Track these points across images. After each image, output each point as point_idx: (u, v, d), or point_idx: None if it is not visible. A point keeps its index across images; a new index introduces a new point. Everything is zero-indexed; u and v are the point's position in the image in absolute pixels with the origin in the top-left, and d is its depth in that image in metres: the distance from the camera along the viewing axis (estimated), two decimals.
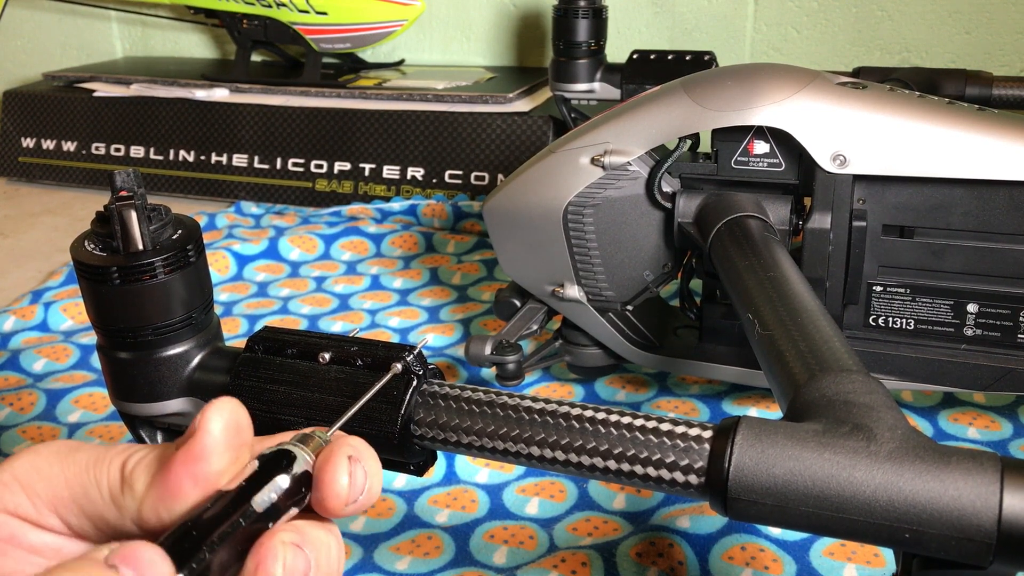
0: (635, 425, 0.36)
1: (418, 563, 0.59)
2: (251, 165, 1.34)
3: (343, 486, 0.30)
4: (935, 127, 0.58)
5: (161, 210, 0.42)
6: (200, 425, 0.28)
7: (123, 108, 1.40)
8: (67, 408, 0.78)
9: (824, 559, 0.58)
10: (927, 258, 0.62)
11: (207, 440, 0.28)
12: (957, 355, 0.63)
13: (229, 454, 0.29)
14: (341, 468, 0.30)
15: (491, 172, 1.24)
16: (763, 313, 0.47)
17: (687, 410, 0.75)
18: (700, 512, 0.61)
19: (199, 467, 0.28)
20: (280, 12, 1.35)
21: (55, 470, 0.29)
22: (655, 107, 0.64)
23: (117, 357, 0.43)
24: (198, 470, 0.28)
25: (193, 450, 0.28)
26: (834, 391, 0.38)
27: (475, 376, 0.82)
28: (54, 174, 1.45)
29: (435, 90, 1.29)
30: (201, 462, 0.28)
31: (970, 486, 0.31)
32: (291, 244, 1.10)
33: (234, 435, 0.29)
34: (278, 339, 0.41)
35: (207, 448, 0.28)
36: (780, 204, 0.63)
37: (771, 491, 0.33)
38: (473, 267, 1.04)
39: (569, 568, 0.57)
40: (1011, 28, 1.21)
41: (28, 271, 1.12)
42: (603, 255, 0.68)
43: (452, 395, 0.39)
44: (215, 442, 0.28)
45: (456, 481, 0.67)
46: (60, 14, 1.68)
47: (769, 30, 1.31)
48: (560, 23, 1.05)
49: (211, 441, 0.28)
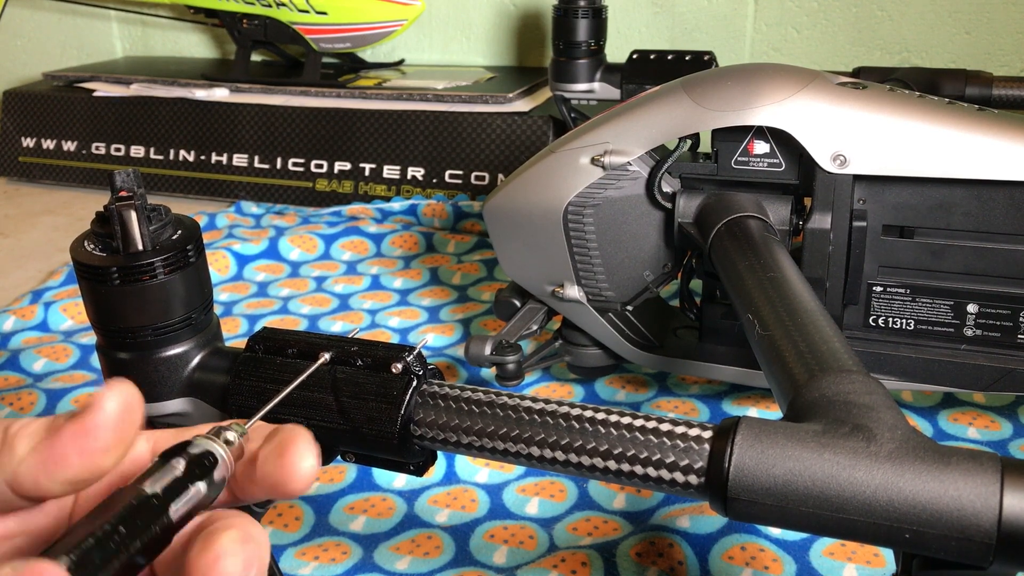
0: (635, 425, 0.36)
1: (418, 563, 0.59)
2: (251, 165, 1.34)
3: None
4: (935, 127, 0.58)
5: (161, 210, 0.42)
6: (95, 401, 0.29)
7: (123, 108, 1.40)
8: (67, 408, 0.78)
9: (824, 559, 0.58)
10: (927, 258, 0.62)
11: (100, 417, 0.29)
12: (957, 355, 0.63)
13: (118, 434, 0.29)
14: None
15: (491, 172, 1.24)
16: (763, 313, 0.47)
17: (687, 410, 0.75)
18: (700, 512, 0.61)
19: (87, 441, 0.29)
20: (280, 12, 1.35)
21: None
22: (655, 107, 0.64)
23: (117, 357, 0.43)
24: (86, 444, 0.29)
25: (85, 423, 0.29)
26: (834, 391, 0.38)
27: (475, 376, 0.82)
28: (54, 174, 1.45)
29: (435, 90, 1.29)
30: (90, 437, 0.29)
31: (970, 486, 0.31)
32: (291, 244, 1.10)
33: (126, 416, 0.29)
34: (278, 339, 0.41)
35: (99, 424, 0.29)
36: (780, 204, 0.63)
37: (771, 491, 0.33)
38: (473, 267, 1.04)
39: (569, 568, 0.57)
40: (1011, 28, 1.21)
41: (28, 271, 1.12)
42: (603, 255, 0.68)
43: (452, 395, 0.39)
44: (107, 419, 0.29)
45: (456, 481, 0.67)
46: (60, 14, 1.68)
47: (769, 30, 1.31)
48: (560, 23, 1.05)
49: (104, 418, 0.29)
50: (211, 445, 0.30)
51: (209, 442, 0.30)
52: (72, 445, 0.28)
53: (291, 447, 0.31)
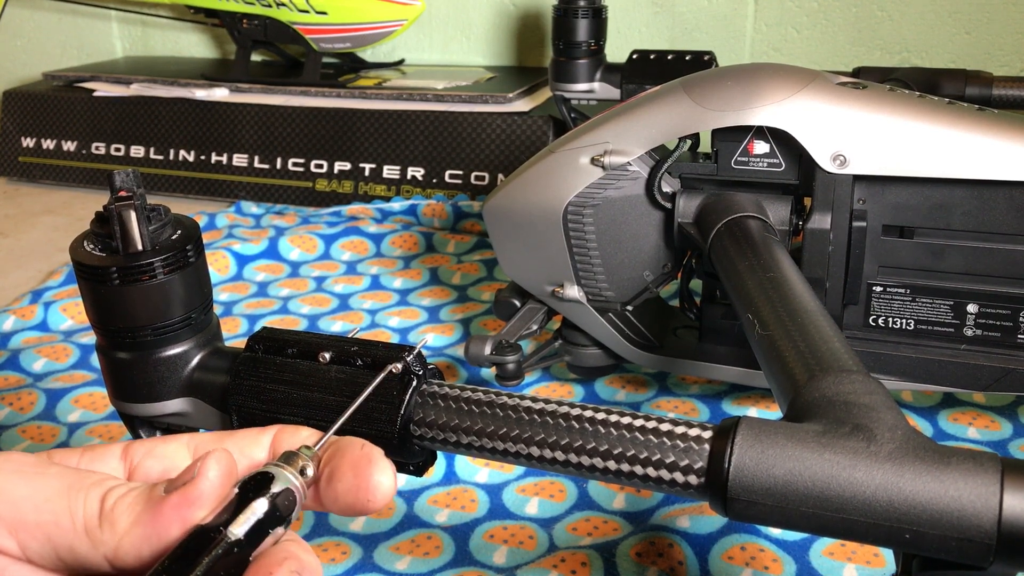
0: (635, 425, 0.36)
1: (418, 563, 0.59)
2: (251, 165, 1.34)
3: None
4: (935, 127, 0.58)
5: (161, 210, 0.42)
6: (200, 472, 0.29)
7: (123, 108, 1.40)
8: (67, 408, 0.78)
9: (824, 559, 0.58)
10: (927, 258, 0.62)
11: (205, 486, 0.29)
12: (957, 355, 0.63)
13: (217, 500, 0.29)
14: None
15: (491, 172, 1.24)
16: (763, 313, 0.47)
17: (687, 410, 0.75)
18: (700, 512, 0.61)
19: (191, 512, 0.29)
20: (280, 12, 1.35)
21: (22, 491, 0.29)
22: (655, 107, 0.64)
23: (116, 357, 0.43)
24: (189, 514, 0.29)
25: (190, 495, 0.29)
26: (834, 391, 0.38)
27: (475, 376, 0.82)
28: (54, 174, 1.45)
29: (435, 90, 1.29)
30: (194, 507, 0.29)
31: (970, 487, 0.31)
32: (291, 244, 1.10)
33: (226, 481, 0.30)
34: (278, 339, 0.41)
35: (204, 494, 0.29)
36: (780, 204, 0.63)
37: (771, 491, 0.33)
38: (473, 267, 1.04)
39: (569, 568, 0.57)
40: (1011, 28, 1.21)
41: (28, 271, 1.12)
42: (603, 255, 0.68)
43: (452, 395, 0.39)
44: (211, 487, 0.29)
45: (456, 481, 0.67)
46: (60, 14, 1.68)
47: (769, 30, 1.31)
48: (560, 23, 1.05)
49: (209, 487, 0.29)
50: (291, 481, 0.30)
51: (288, 476, 0.30)
52: (175, 516, 0.28)
53: (368, 466, 0.31)
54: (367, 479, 0.31)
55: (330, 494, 0.32)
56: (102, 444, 0.34)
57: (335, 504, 0.32)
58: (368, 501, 0.31)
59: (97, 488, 0.30)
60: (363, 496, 0.31)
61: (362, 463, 0.31)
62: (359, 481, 0.31)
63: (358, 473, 0.31)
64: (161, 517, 0.28)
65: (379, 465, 0.31)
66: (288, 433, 0.34)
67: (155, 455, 0.33)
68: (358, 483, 0.31)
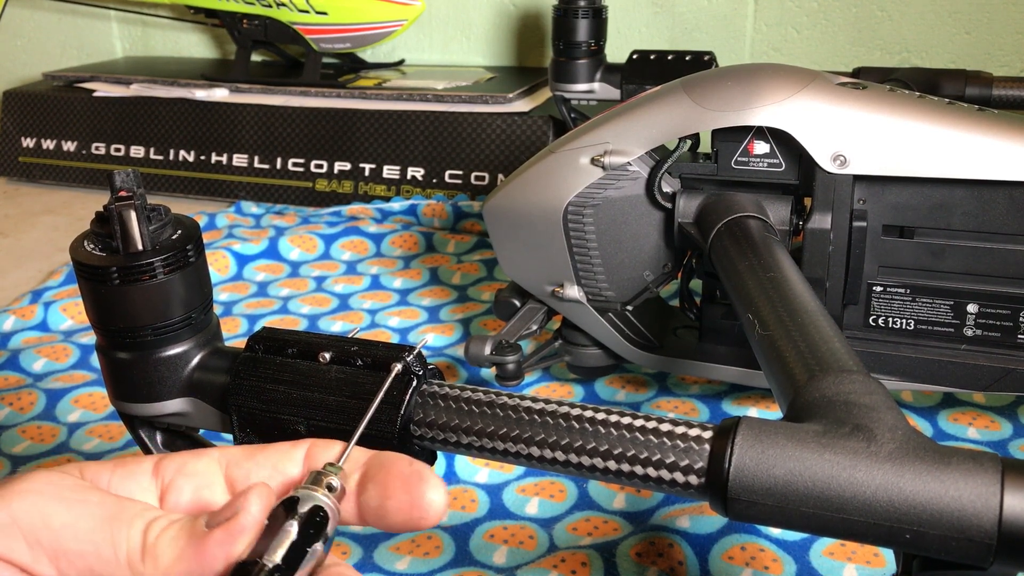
0: (635, 425, 0.36)
1: (418, 563, 0.59)
2: (251, 165, 1.34)
3: None
4: (935, 127, 0.58)
5: (161, 210, 0.42)
6: (243, 507, 0.30)
7: (123, 108, 1.40)
8: (67, 408, 0.78)
9: (824, 559, 0.58)
10: (927, 258, 0.62)
11: (248, 521, 0.29)
12: (957, 355, 0.63)
13: (258, 532, 0.30)
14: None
15: (491, 172, 1.24)
16: (763, 313, 0.47)
17: (687, 410, 0.75)
18: (700, 512, 0.61)
19: (234, 546, 0.29)
20: (280, 12, 1.35)
21: (64, 518, 0.29)
22: (655, 107, 0.64)
23: (116, 357, 0.43)
24: (232, 549, 0.29)
25: (232, 529, 0.29)
26: (834, 392, 0.38)
27: (475, 376, 0.82)
28: (54, 174, 1.45)
29: (435, 90, 1.29)
30: (237, 541, 0.29)
31: (970, 487, 0.31)
32: (291, 244, 1.10)
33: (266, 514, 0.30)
34: (278, 339, 0.41)
35: (246, 528, 0.29)
36: (780, 204, 0.63)
37: (771, 491, 0.33)
38: (473, 267, 1.04)
39: (569, 568, 0.57)
40: (1011, 28, 1.21)
41: (28, 271, 1.12)
42: (603, 255, 0.68)
43: (452, 395, 0.39)
44: (253, 522, 0.29)
45: (456, 481, 0.67)
46: (60, 14, 1.68)
47: (769, 30, 1.31)
48: (560, 23, 1.05)
49: (250, 521, 0.29)
50: (318, 498, 0.30)
51: (314, 494, 0.30)
52: (219, 551, 0.29)
53: (420, 484, 0.31)
54: (420, 497, 0.31)
55: (380, 512, 0.32)
56: (132, 458, 0.34)
57: (383, 521, 0.32)
58: (421, 518, 0.31)
59: (139, 520, 0.30)
60: (416, 514, 0.31)
61: (413, 480, 0.31)
62: (412, 499, 0.31)
63: (410, 491, 0.31)
64: (205, 553, 0.29)
65: (431, 483, 0.31)
66: (321, 447, 0.35)
67: (186, 472, 0.33)
68: (411, 501, 0.31)
